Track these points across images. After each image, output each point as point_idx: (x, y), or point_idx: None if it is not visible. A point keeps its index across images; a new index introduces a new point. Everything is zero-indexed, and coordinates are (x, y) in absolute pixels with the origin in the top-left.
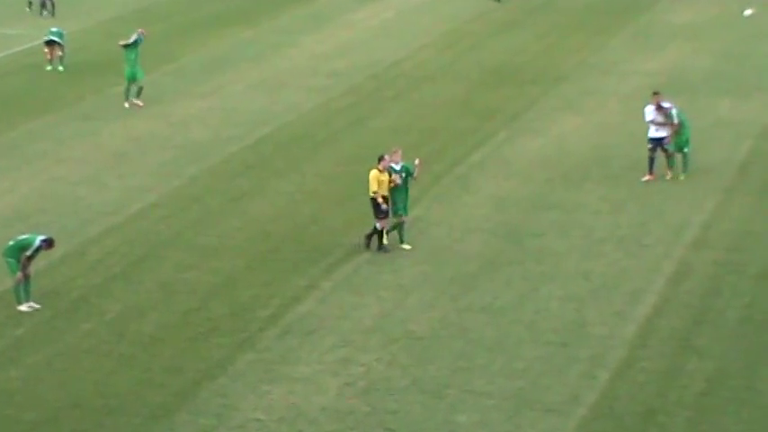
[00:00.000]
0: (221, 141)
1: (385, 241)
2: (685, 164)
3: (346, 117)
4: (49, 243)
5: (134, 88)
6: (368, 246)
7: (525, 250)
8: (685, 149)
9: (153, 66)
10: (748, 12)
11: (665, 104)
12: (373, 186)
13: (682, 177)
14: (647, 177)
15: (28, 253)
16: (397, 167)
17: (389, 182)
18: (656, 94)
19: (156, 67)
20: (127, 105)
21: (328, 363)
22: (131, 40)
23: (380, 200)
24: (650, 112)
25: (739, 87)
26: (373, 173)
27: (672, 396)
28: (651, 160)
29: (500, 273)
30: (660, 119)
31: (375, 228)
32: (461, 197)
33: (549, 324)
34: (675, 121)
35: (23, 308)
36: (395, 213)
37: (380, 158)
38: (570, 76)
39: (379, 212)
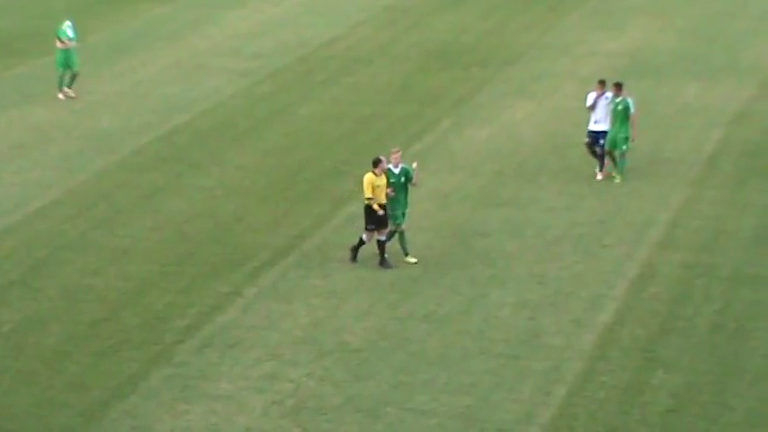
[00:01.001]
0: (132, 131)
1: (386, 255)
2: (622, 164)
3: (272, 104)
4: None
5: (67, 77)
6: (354, 259)
7: (472, 252)
8: (623, 147)
9: (54, 46)
10: None
11: (608, 95)
12: (368, 192)
13: (617, 180)
14: (600, 176)
15: None
16: (396, 171)
17: (386, 193)
18: (601, 82)
19: None
20: (61, 96)
21: (253, 379)
22: (70, 36)
23: (376, 207)
24: (591, 99)
25: (708, 70)
26: (368, 176)
27: (635, 414)
28: (593, 154)
29: (445, 277)
30: (601, 111)
31: (361, 240)
32: None
33: (499, 334)
34: (633, 110)
35: None
36: (393, 222)
37: (377, 161)
38: (522, 57)
39: (371, 221)
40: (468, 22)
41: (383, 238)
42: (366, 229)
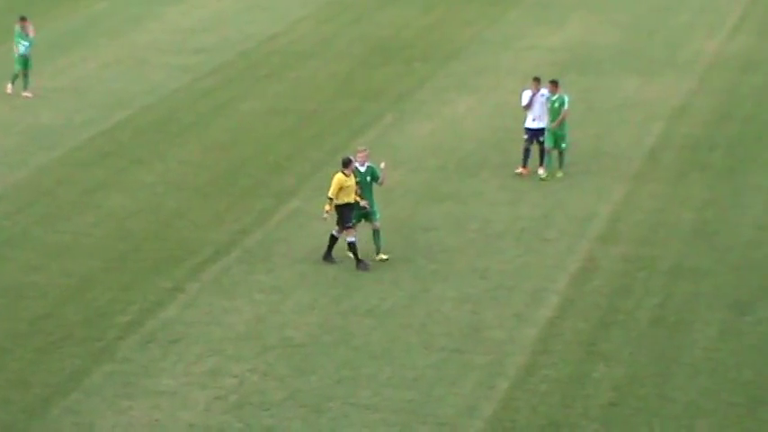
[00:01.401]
0: (73, 126)
1: (351, 254)
2: (561, 160)
3: (214, 99)
4: None
5: (22, 76)
6: (327, 258)
7: (415, 246)
8: (563, 145)
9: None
10: None
11: (544, 92)
12: (333, 191)
13: (559, 174)
14: (519, 170)
15: None
16: (362, 169)
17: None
18: (536, 80)
19: None
20: (8, 91)
21: (196, 374)
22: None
23: (326, 207)
24: (527, 98)
25: (648, 64)
26: (338, 176)
27: (577, 407)
28: (526, 152)
29: (387, 272)
30: (538, 109)
31: (332, 235)
32: None
33: (441, 328)
34: (567, 107)
35: None
36: (368, 220)
37: (347, 161)
38: (463, 52)
39: (347, 219)
40: (409, 16)
41: (353, 239)
42: (344, 227)
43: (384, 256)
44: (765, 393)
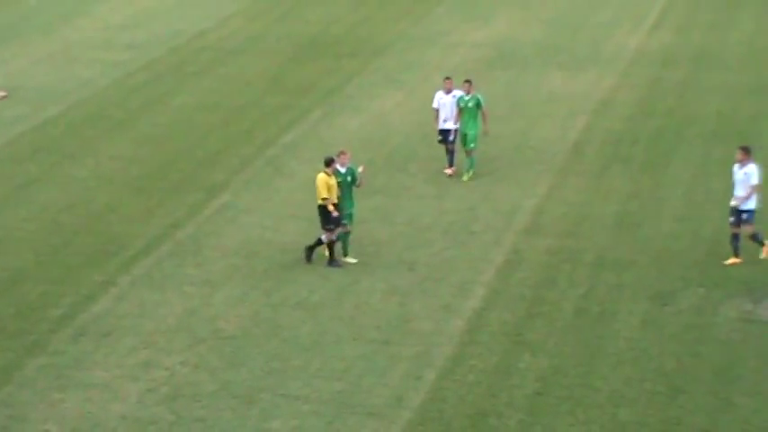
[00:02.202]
0: (5, 122)
1: (336, 255)
2: (470, 162)
3: (145, 94)
4: None
5: None
6: (308, 259)
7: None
8: (471, 145)
9: None
10: None
11: (456, 93)
12: (322, 192)
13: (465, 178)
14: (449, 171)
15: None
16: (343, 170)
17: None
18: (447, 78)
19: None
20: None
21: (128, 367)
22: None
23: (331, 207)
24: (437, 101)
25: (572, 60)
26: (321, 176)
27: (503, 396)
28: (450, 153)
29: (317, 264)
30: (450, 110)
31: (319, 239)
32: (274, 182)
33: (370, 320)
34: (484, 106)
35: None
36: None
37: (329, 161)
38: (391, 48)
39: (327, 221)
40: (338, 13)
41: (333, 237)
42: (324, 228)
43: (353, 260)
44: (686, 382)
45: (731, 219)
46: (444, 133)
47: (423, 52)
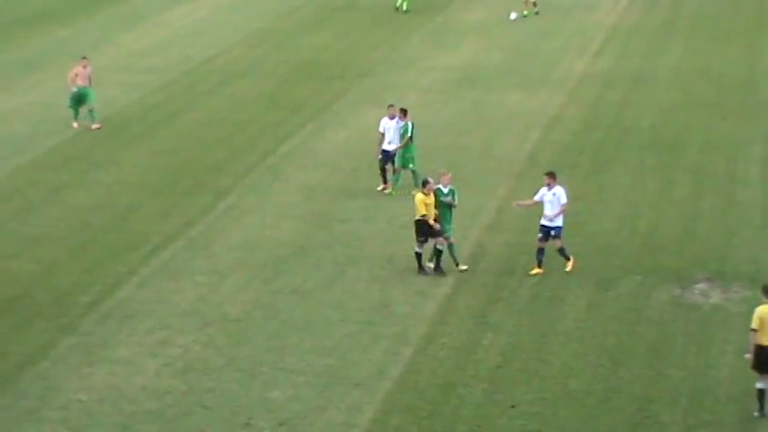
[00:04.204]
0: (41, 135)
1: (428, 263)
2: (415, 180)
3: (162, 111)
4: None
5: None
6: (440, 271)
7: (333, 235)
8: (410, 166)
9: None
10: (513, 15)
11: (398, 119)
12: (421, 210)
13: (393, 192)
14: (381, 187)
15: None
16: (445, 190)
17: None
18: (390, 106)
19: None
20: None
21: (147, 345)
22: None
23: (432, 222)
24: (382, 126)
25: (528, 81)
26: (419, 196)
27: (469, 369)
28: (382, 171)
29: (310, 257)
30: (393, 133)
31: (416, 252)
32: (273, 186)
33: (355, 304)
34: (409, 134)
35: None
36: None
37: (425, 182)
38: (372, 71)
39: (421, 233)
40: (327, 41)
41: (442, 246)
42: (417, 240)
43: (463, 267)
44: (625, 356)
45: (540, 235)
46: (385, 153)
47: (400, 75)
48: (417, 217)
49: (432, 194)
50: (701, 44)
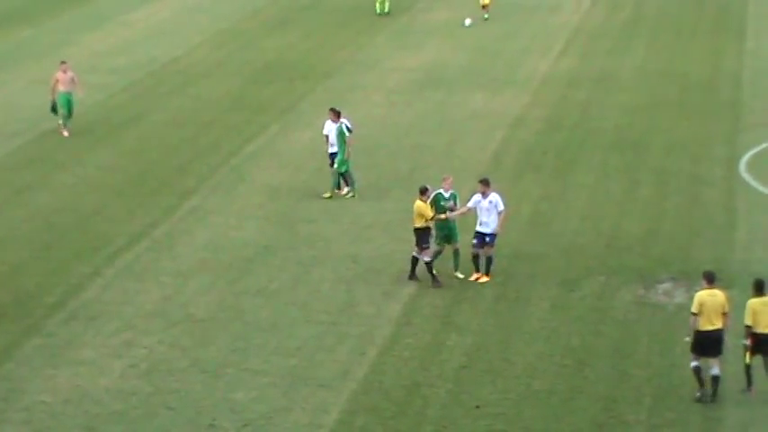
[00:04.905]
0: (5, 136)
1: (457, 273)
2: (351, 183)
3: (126, 112)
4: None
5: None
6: (436, 283)
7: (298, 236)
8: (342, 168)
9: None
10: (468, 21)
11: (336, 120)
12: (429, 214)
13: (326, 195)
14: (339, 191)
15: None
16: (447, 195)
17: (434, 217)
18: (331, 110)
19: None
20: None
21: (112, 346)
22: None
23: (440, 218)
24: (326, 128)
25: (492, 82)
26: (418, 204)
27: (434, 370)
28: (333, 174)
29: (275, 257)
30: (333, 136)
31: (426, 261)
32: (237, 187)
33: (321, 305)
34: (348, 135)
35: None
36: (448, 242)
37: (423, 190)
38: (337, 72)
39: (424, 241)
40: (291, 41)
41: (428, 258)
42: (422, 248)
43: (461, 275)
44: (590, 356)
45: (475, 241)
46: (331, 156)
47: (364, 76)
48: (416, 225)
49: (429, 203)
50: (665, 44)
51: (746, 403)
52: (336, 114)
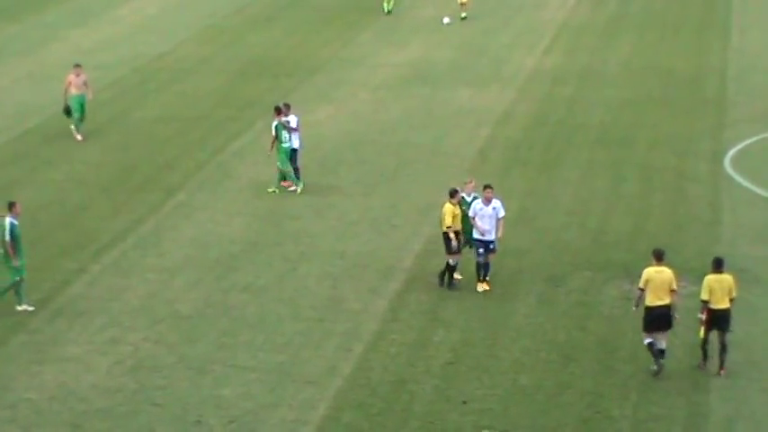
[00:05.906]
0: None
1: (458, 276)
2: (296, 179)
3: (112, 108)
4: (11, 206)
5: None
6: (441, 284)
7: (284, 232)
8: (278, 164)
9: None
10: (446, 20)
11: (290, 119)
12: (447, 221)
13: (270, 189)
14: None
15: (6, 238)
16: (469, 198)
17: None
18: (286, 105)
19: None
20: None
21: (98, 343)
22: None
23: (452, 235)
24: (273, 126)
25: (478, 78)
26: (447, 207)
27: (421, 366)
28: (295, 170)
29: (261, 254)
30: (285, 134)
31: (447, 264)
32: (223, 183)
33: (307, 301)
34: (273, 134)
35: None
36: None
37: (453, 192)
38: (323, 68)
39: (449, 248)
40: (277, 38)
41: (452, 262)
42: (449, 253)
43: (459, 276)
44: (576, 351)
45: (480, 250)
46: (293, 152)
47: (350, 72)
48: (443, 229)
49: (458, 205)
50: (650, 41)
51: (732, 398)
52: (277, 111)
